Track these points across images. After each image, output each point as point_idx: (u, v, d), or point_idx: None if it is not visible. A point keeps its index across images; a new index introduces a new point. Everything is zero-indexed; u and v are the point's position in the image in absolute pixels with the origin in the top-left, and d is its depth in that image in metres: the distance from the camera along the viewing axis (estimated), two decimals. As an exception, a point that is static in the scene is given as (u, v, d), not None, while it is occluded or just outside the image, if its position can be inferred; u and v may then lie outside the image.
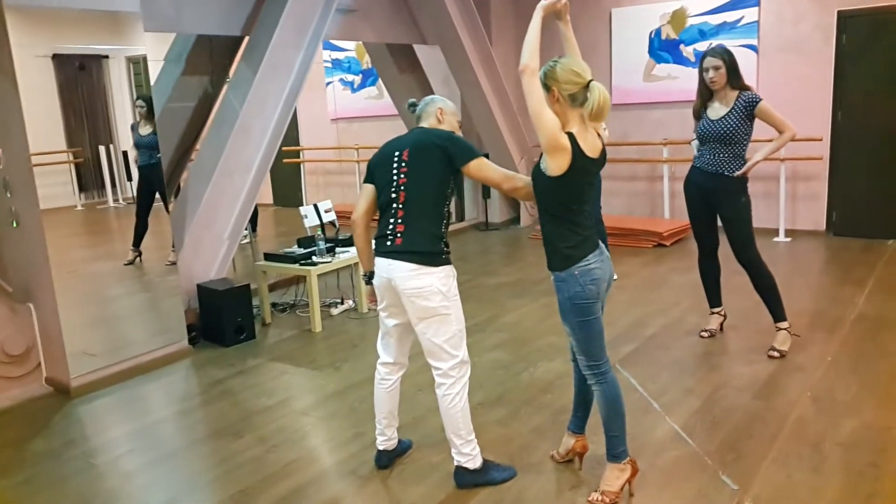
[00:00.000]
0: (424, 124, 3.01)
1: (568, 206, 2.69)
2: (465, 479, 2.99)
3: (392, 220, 2.87)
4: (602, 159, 2.75)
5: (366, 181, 3.02)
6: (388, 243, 2.85)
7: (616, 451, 2.83)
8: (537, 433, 3.45)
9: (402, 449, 3.28)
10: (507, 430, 3.49)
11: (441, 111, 3.00)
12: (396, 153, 2.90)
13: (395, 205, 2.87)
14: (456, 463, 3.00)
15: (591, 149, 2.65)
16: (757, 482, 2.92)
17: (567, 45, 2.87)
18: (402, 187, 2.85)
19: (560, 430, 3.43)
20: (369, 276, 3.02)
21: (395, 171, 2.88)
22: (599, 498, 2.80)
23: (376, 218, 2.99)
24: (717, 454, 3.15)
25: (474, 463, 2.99)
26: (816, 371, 3.99)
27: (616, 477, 2.82)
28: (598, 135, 2.75)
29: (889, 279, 5.66)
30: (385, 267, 2.85)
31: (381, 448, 3.20)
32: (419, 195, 2.85)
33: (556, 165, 2.59)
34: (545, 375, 4.14)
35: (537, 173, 2.69)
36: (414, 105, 3.13)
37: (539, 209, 2.77)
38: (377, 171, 2.95)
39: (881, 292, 5.32)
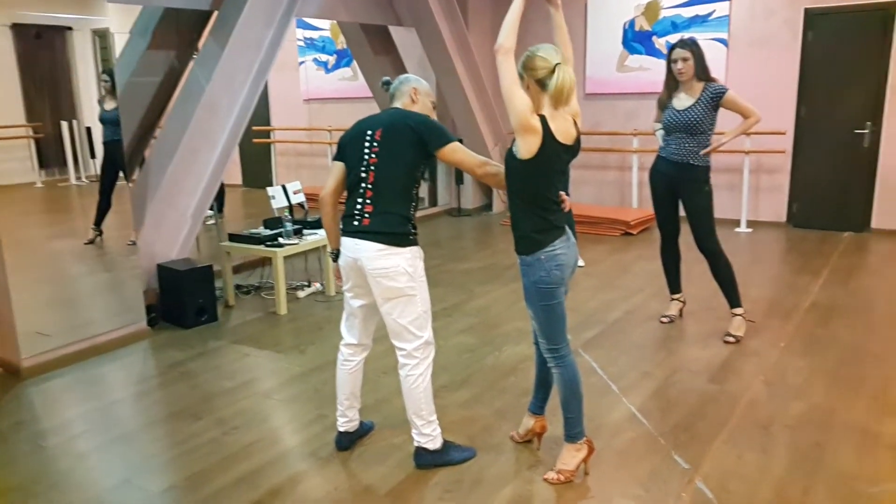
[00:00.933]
0: (398, 104, 2.96)
1: (537, 191, 2.70)
2: (425, 459, 3.02)
3: (360, 201, 2.85)
4: (576, 147, 2.77)
5: (336, 158, 2.98)
6: (356, 223, 2.84)
7: (573, 432, 2.89)
8: (499, 415, 3.49)
9: (363, 430, 3.29)
10: (470, 412, 3.52)
11: (415, 91, 2.95)
12: (369, 132, 2.86)
13: (363, 184, 2.84)
14: (416, 444, 3.02)
15: (563, 134, 2.67)
16: (708, 462, 2.99)
17: (557, 31, 2.89)
18: (372, 167, 2.83)
19: (522, 411, 3.47)
20: (336, 254, 3.00)
21: (366, 151, 2.85)
22: (556, 477, 2.87)
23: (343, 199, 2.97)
24: (671, 435, 3.23)
25: (434, 444, 3.01)
26: (770, 356, 4.09)
27: (572, 456, 2.89)
28: (575, 122, 2.76)
29: (843, 269, 5.81)
30: (351, 246, 2.85)
31: (341, 429, 3.20)
32: (389, 177, 2.83)
33: (525, 148, 2.60)
34: (510, 359, 4.18)
35: (509, 156, 2.71)
36: (388, 83, 3.07)
37: (509, 193, 2.79)
38: (348, 149, 2.91)
39: (835, 282, 5.46)
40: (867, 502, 2.69)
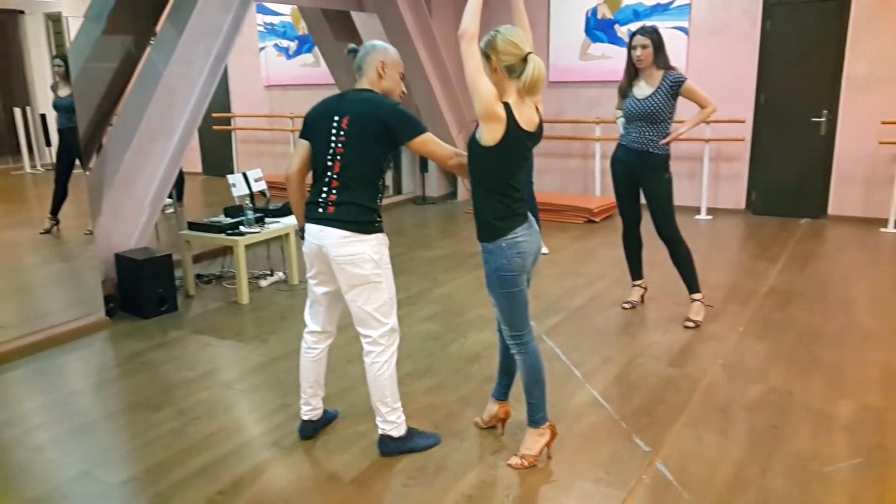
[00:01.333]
0: (364, 80, 2.85)
1: (500, 177, 2.71)
2: (389, 447, 3.02)
3: (325, 189, 2.82)
4: (538, 134, 2.78)
5: (302, 136, 2.92)
6: (320, 210, 2.81)
7: (536, 417, 2.92)
8: (463, 402, 3.50)
9: (327, 419, 3.27)
10: (434, 399, 3.53)
11: (382, 64, 2.84)
12: (336, 118, 2.79)
13: (329, 173, 2.80)
14: (381, 431, 3.01)
15: (526, 121, 2.68)
16: (668, 444, 3.04)
17: (516, 16, 2.87)
18: (339, 157, 2.78)
19: (486, 398, 3.49)
20: (304, 232, 2.95)
21: (332, 139, 2.79)
22: (519, 462, 2.90)
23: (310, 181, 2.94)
24: (632, 418, 3.27)
25: (399, 431, 3.01)
26: (728, 340, 4.17)
27: (535, 441, 2.92)
28: (537, 109, 2.76)
29: (800, 255, 5.94)
30: (316, 233, 2.82)
31: (305, 418, 3.18)
32: (355, 167, 2.78)
33: (489, 135, 2.61)
34: (474, 346, 4.20)
35: (472, 143, 2.71)
36: (354, 51, 2.93)
37: (472, 180, 2.79)
38: (314, 130, 2.86)
39: (792, 268, 5.58)
40: (821, 482, 2.76)
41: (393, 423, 2.99)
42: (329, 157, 2.80)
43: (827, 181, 7.17)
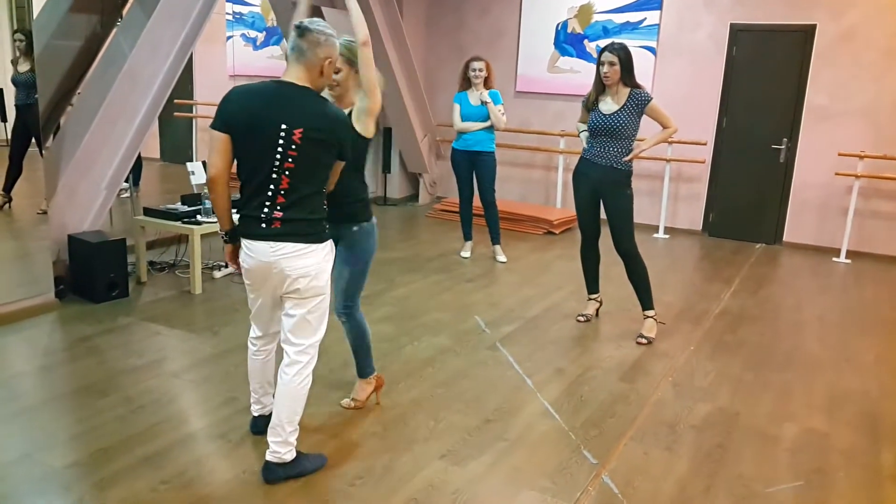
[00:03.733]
0: (302, 70, 2.60)
1: (365, 164, 3.20)
2: (278, 473, 2.79)
3: (268, 204, 2.60)
4: None
5: (219, 129, 2.59)
6: (263, 226, 2.62)
7: (364, 371, 3.42)
8: (415, 404, 3.50)
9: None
10: (386, 400, 3.52)
11: (329, 62, 2.63)
12: (284, 127, 2.53)
13: (272, 186, 2.58)
14: (274, 458, 2.77)
15: None
16: (615, 457, 3.08)
17: (357, 23, 3.03)
18: (287, 171, 2.57)
19: (438, 402, 3.52)
20: (230, 235, 2.77)
21: (280, 151, 2.54)
22: (350, 403, 3.42)
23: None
24: (581, 430, 3.31)
25: (292, 454, 2.80)
26: (679, 358, 4.25)
27: (364, 389, 3.43)
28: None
29: (754, 279, 6.08)
30: (263, 250, 2.63)
31: (256, 414, 3.14)
32: (306, 183, 2.61)
33: (371, 128, 3.03)
34: (427, 350, 4.20)
35: (356, 137, 2.95)
36: (305, 31, 2.60)
37: (353, 169, 2.96)
38: (244, 132, 2.57)
39: (745, 291, 5.71)
40: (762, 502, 2.82)
41: (290, 445, 2.78)
42: (275, 170, 2.56)
43: (784, 208, 7.36)
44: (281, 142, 2.55)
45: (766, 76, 7.22)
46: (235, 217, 2.76)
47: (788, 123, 7.20)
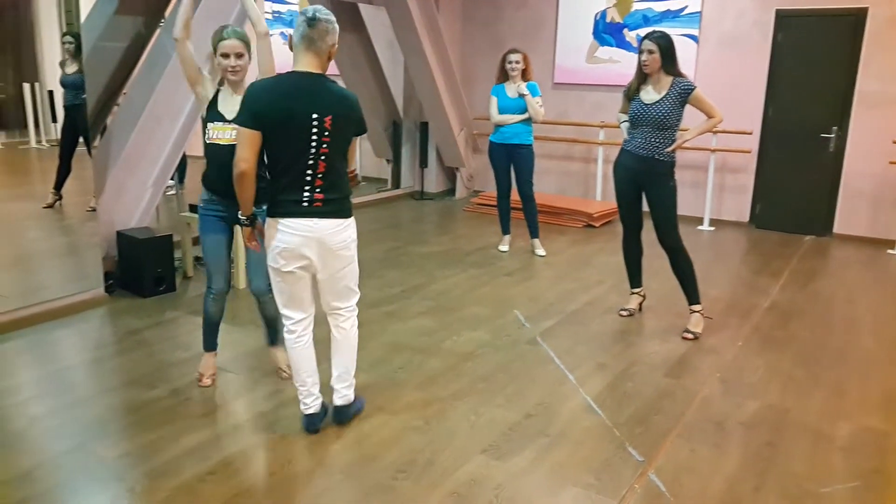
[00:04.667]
0: (314, 58, 2.75)
1: None
2: (347, 413, 3.19)
3: (308, 189, 2.78)
4: None
5: (249, 126, 2.71)
6: (305, 205, 2.80)
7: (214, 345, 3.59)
8: (455, 398, 3.49)
9: (326, 411, 3.23)
10: (426, 394, 3.52)
11: (334, 47, 2.82)
12: (315, 116, 2.70)
13: (310, 172, 2.77)
14: (342, 401, 3.15)
15: None
16: (661, 455, 3.03)
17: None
18: (323, 157, 2.77)
19: (478, 396, 3.50)
20: (250, 220, 2.97)
21: (314, 141, 2.72)
22: (205, 380, 3.54)
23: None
24: (625, 426, 3.26)
25: (353, 393, 3.21)
26: (727, 354, 4.16)
27: (213, 363, 3.61)
28: None
29: (803, 272, 5.93)
30: (307, 226, 2.81)
31: (309, 412, 3.11)
32: (338, 165, 2.85)
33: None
34: (467, 344, 4.19)
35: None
36: (315, 21, 2.72)
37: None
38: (276, 127, 2.71)
39: (794, 284, 5.57)
40: (816, 502, 2.74)
41: (353, 386, 3.19)
42: (311, 157, 2.75)
43: (834, 199, 7.15)
44: (315, 131, 2.74)
45: (814, 62, 7.02)
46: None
47: (838, 111, 6.99)
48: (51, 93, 4.73)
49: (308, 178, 2.79)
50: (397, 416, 3.29)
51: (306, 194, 2.79)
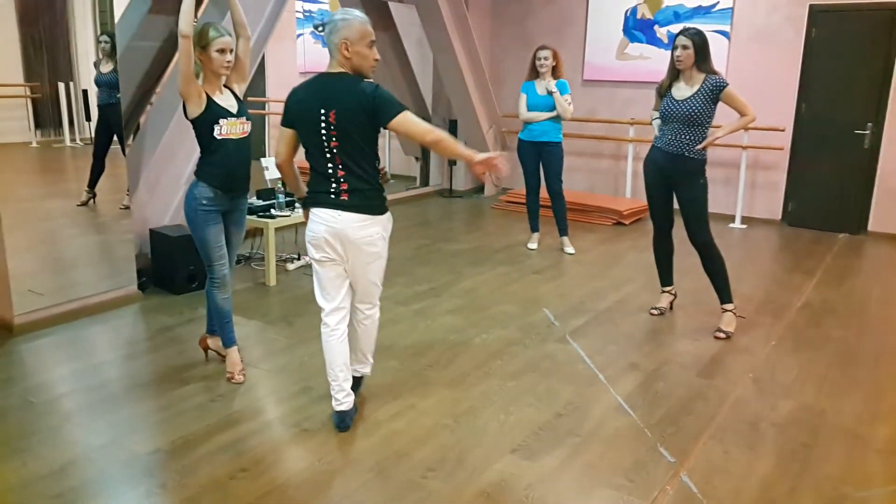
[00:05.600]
0: (334, 62, 2.87)
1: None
2: (360, 386, 3.41)
3: (334, 183, 2.89)
4: None
5: (285, 125, 2.98)
6: (332, 197, 2.91)
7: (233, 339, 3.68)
8: (484, 397, 3.48)
9: (356, 408, 3.26)
10: (455, 392, 3.52)
11: (346, 44, 2.81)
12: (322, 112, 2.82)
13: (331, 166, 2.88)
14: (361, 373, 3.39)
15: None
16: (694, 456, 3.00)
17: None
18: (336, 150, 2.85)
19: (508, 395, 3.49)
20: (304, 203, 3.09)
21: (324, 135, 2.84)
22: (237, 377, 3.61)
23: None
24: (657, 427, 3.23)
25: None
26: (760, 353, 4.10)
27: (237, 359, 3.68)
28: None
29: (837, 270, 5.82)
30: (331, 217, 2.91)
31: (340, 409, 3.13)
32: (354, 155, 2.87)
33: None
34: (496, 342, 4.18)
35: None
36: (322, 26, 2.90)
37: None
38: (300, 122, 2.91)
39: (828, 283, 5.47)
40: None
41: (371, 363, 3.39)
42: (327, 151, 2.87)
43: (868, 196, 7.02)
44: (323, 126, 2.84)
45: (849, 58, 6.89)
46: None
47: (874, 107, 6.86)
48: (85, 92, 4.80)
49: (330, 171, 2.89)
50: (427, 415, 3.29)
51: (333, 186, 2.90)
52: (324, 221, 2.93)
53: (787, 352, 4.13)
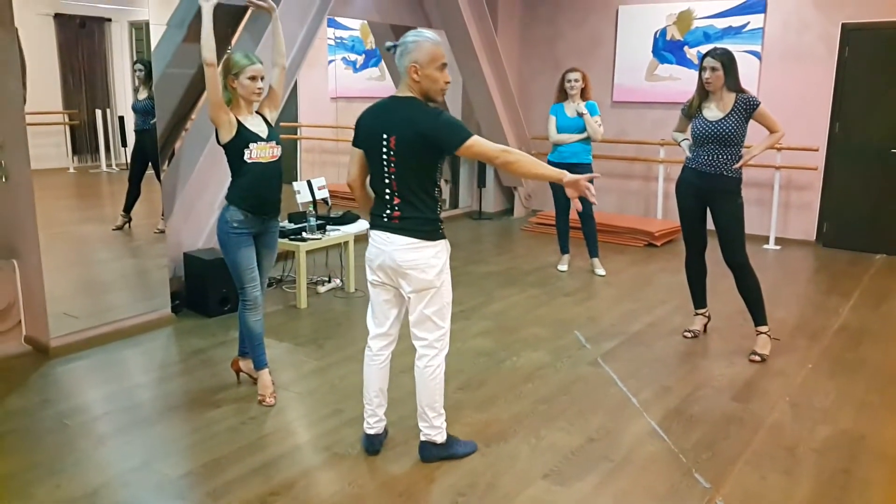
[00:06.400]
0: (403, 85, 2.84)
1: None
2: (432, 452, 3.07)
3: (389, 205, 2.87)
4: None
5: (355, 145, 2.98)
6: (385, 220, 2.88)
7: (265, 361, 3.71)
8: (515, 420, 3.46)
9: (386, 433, 3.25)
10: (486, 416, 3.50)
11: (415, 67, 2.75)
12: (384, 137, 2.81)
13: (388, 190, 2.87)
14: (424, 437, 3.06)
15: None
16: (729, 482, 2.94)
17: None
18: (394, 176, 2.84)
19: (539, 418, 3.46)
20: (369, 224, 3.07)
21: (384, 159, 2.83)
22: (269, 399, 3.62)
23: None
24: (691, 452, 3.17)
25: (442, 437, 3.06)
26: (796, 377, 4.02)
27: (268, 382, 3.69)
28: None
29: (874, 292, 5.69)
30: (382, 240, 2.88)
31: (371, 432, 3.13)
32: (412, 182, 2.83)
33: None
34: (527, 365, 4.15)
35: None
36: (394, 48, 2.85)
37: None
38: (366, 143, 2.91)
39: (865, 305, 5.35)
40: (892, 531, 2.62)
41: (438, 428, 3.04)
42: (385, 176, 2.85)
43: (905, 216, 6.88)
44: (384, 150, 2.83)
45: (882, 77, 6.80)
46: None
47: (909, 126, 6.74)
48: (121, 118, 4.92)
49: (388, 196, 2.87)
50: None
51: (387, 210, 2.87)
52: (376, 244, 2.91)
53: (823, 375, 4.04)
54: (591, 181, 2.90)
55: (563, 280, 6.01)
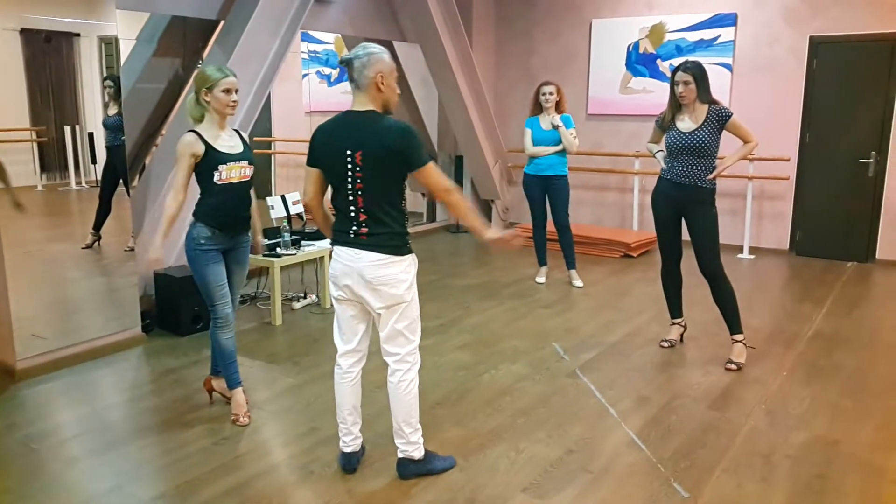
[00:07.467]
0: (363, 96, 2.78)
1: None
2: (409, 469, 3.02)
3: (355, 222, 2.82)
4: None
5: (310, 164, 2.90)
6: (352, 236, 2.83)
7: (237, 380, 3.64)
8: (494, 434, 3.43)
9: (363, 450, 3.20)
10: (465, 430, 3.47)
11: (381, 77, 2.75)
12: (349, 153, 2.75)
13: (353, 208, 2.81)
14: (402, 454, 3.02)
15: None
16: (707, 490, 2.93)
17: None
18: (360, 192, 2.78)
19: (518, 432, 3.44)
20: (331, 241, 3.01)
21: (349, 176, 2.77)
22: (242, 419, 3.55)
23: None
24: (670, 461, 3.17)
25: (419, 452, 3.02)
26: (771, 384, 4.04)
27: (242, 401, 3.63)
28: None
29: (846, 299, 5.76)
30: (349, 256, 2.83)
31: (347, 451, 3.09)
32: (379, 198, 2.80)
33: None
34: (506, 378, 4.13)
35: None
36: (349, 62, 2.77)
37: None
38: (325, 163, 2.84)
39: (838, 312, 5.41)
40: (870, 537, 2.63)
41: (415, 444, 3.00)
42: (350, 193, 2.80)
43: (875, 224, 6.98)
44: (349, 166, 2.78)
45: (850, 88, 6.92)
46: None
47: (877, 136, 6.85)
48: (91, 135, 4.85)
49: (353, 213, 2.82)
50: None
51: (353, 227, 2.83)
52: (343, 260, 2.85)
53: (798, 382, 4.07)
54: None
55: (542, 292, 6.01)
